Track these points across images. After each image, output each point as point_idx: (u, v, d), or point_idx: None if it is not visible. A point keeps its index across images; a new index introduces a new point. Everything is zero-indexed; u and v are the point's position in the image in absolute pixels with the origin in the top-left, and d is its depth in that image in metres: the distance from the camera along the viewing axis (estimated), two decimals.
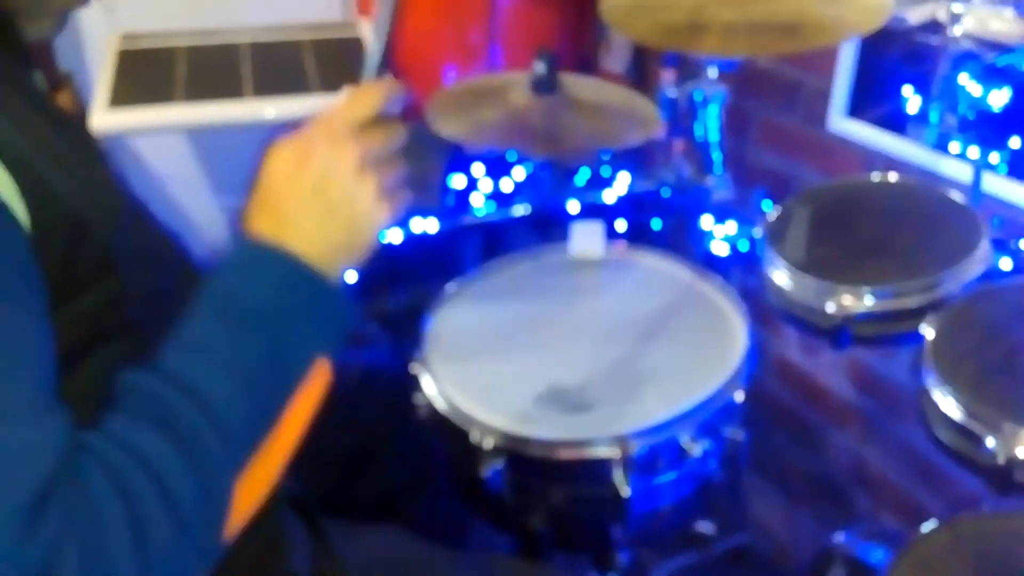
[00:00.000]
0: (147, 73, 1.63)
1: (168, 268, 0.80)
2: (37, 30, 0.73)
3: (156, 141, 1.86)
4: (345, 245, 0.66)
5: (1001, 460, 0.83)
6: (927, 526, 0.94)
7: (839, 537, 1.27)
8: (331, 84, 1.62)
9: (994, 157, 1.26)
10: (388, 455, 1.14)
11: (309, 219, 0.64)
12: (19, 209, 0.61)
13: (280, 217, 0.64)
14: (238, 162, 1.50)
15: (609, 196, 1.45)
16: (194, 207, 2.00)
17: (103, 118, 1.48)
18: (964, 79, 1.26)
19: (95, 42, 1.79)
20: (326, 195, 0.65)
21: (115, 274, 0.69)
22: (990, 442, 0.84)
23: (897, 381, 1.51)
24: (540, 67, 1.23)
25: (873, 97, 1.45)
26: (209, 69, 1.65)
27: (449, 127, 1.24)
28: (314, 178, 0.65)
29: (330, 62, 1.71)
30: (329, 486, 1.07)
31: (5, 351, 0.58)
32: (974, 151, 1.27)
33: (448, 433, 0.98)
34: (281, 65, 1.68)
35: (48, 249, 0.63)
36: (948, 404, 0.88)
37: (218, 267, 0.65)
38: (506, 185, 1.46)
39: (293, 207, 0.64)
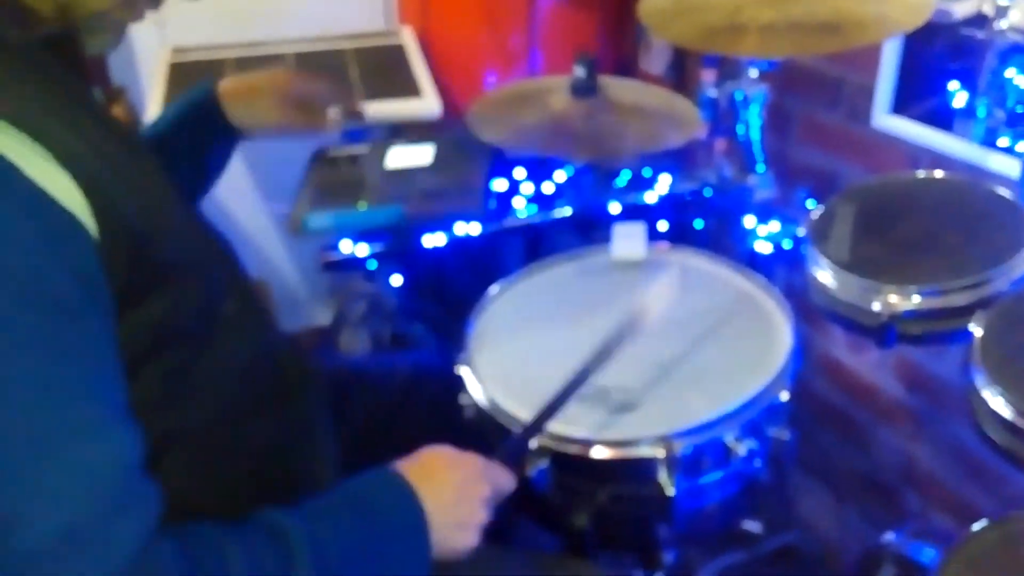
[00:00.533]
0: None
1: (218, 276, 0.83)
2: (98, 44, 0.76)
3: None
4: (442, 528, 0.81)
5: None
6: (977, 525, 0.93)
7: (888, 536, 1.26)
8: (374, 92, 1.64)
9: None
10: None
11: (441, 495, 0.82)
12: (89, 222, 0.64)
13: (428, 479, 0.82)
14: (285, 170, 1.54)
15: (651, 197, 1.46)
16: (243, 213, 2.05)
17: None
18: (1012, 73, 1.24)
19: (146, 56, 1.85)
20: (460, 492, 0.83)
21: (172, 283, 0.73)
22: None
23: (946, 379, 1.49)
24: (580, 71, 1.24)
25: (918, 93, 1.44)
26: None
27: (491, 132, 1.26)
28: (459, 479, 0.84)
29: (373, 70, 1.73)
30: None
31: (68, 370, 0.61)
32: (1023, 146, 1.25)
33: (493, 433, 0.99)
34: (325, 74, 1.71)
35: (114, 260, 0.66)
36: (997, 403, 0.87)
37: (375, 476, 0.82)
38: (548, 188, 1.47)
39: (438, 481, 0.82)
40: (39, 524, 0.58)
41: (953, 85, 1.33)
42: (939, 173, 1.22)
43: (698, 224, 1.49)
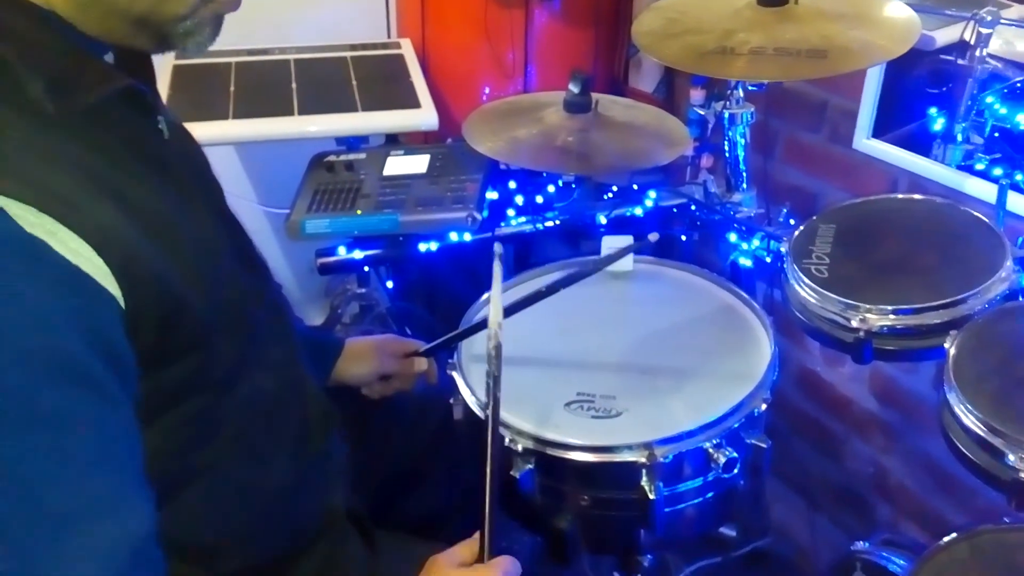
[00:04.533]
0: (200, 91, 1.69)
1: (261, 327, 0.83)
2: (196, 44, 0.73)
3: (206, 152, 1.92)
4: None
5: (1023, 475, 0.84)
6: (947, 537, 0.95)
7: (859, 544, 1.28)
8: (373, 102, 1.66)
9: (1019, 176, 1.28)
10: (439, 478, 1.17)
11: None
12: (117, 293, 0.65)
13: None
14: (283, 173, 1.56)
15: (638, 210, 1.49)
16: (240, 215, 2.05)
17: None
18: (990, 100, 1.28)
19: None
20: None
21: (207, 345, 0.74)
22: (1011, 458, 0.85)
23: (919, 393, 1.52)
24: (574, 87, 1.27)
25: (899, 117, 1.46)
26: (258, 87, 1.70)
27: (486, 144, 1.28)
28: None
29: (372, 80, 1.75)
30: (381, 502, 1.11)
31: (85, 446, 0.61)
32: (999, 171, 1.28)
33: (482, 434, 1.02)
34: (326, 83, 1.72)
35: (143, 327, 0.67)
36: (969, 420, 0.88)
37: None
38: (539, 198, 1.49)
39: None
40: None
41: (932, 110, 1.37)
42: (917, 196, 1.24)
43: (684, 238, 1.51)
